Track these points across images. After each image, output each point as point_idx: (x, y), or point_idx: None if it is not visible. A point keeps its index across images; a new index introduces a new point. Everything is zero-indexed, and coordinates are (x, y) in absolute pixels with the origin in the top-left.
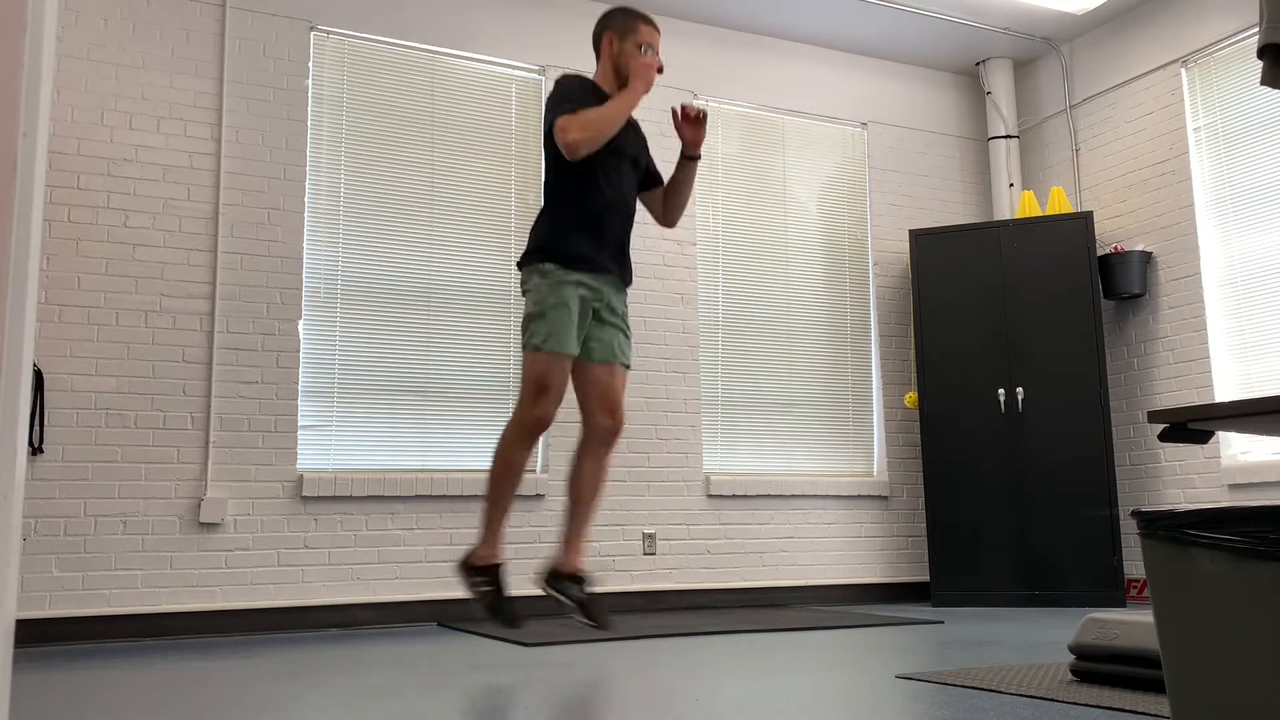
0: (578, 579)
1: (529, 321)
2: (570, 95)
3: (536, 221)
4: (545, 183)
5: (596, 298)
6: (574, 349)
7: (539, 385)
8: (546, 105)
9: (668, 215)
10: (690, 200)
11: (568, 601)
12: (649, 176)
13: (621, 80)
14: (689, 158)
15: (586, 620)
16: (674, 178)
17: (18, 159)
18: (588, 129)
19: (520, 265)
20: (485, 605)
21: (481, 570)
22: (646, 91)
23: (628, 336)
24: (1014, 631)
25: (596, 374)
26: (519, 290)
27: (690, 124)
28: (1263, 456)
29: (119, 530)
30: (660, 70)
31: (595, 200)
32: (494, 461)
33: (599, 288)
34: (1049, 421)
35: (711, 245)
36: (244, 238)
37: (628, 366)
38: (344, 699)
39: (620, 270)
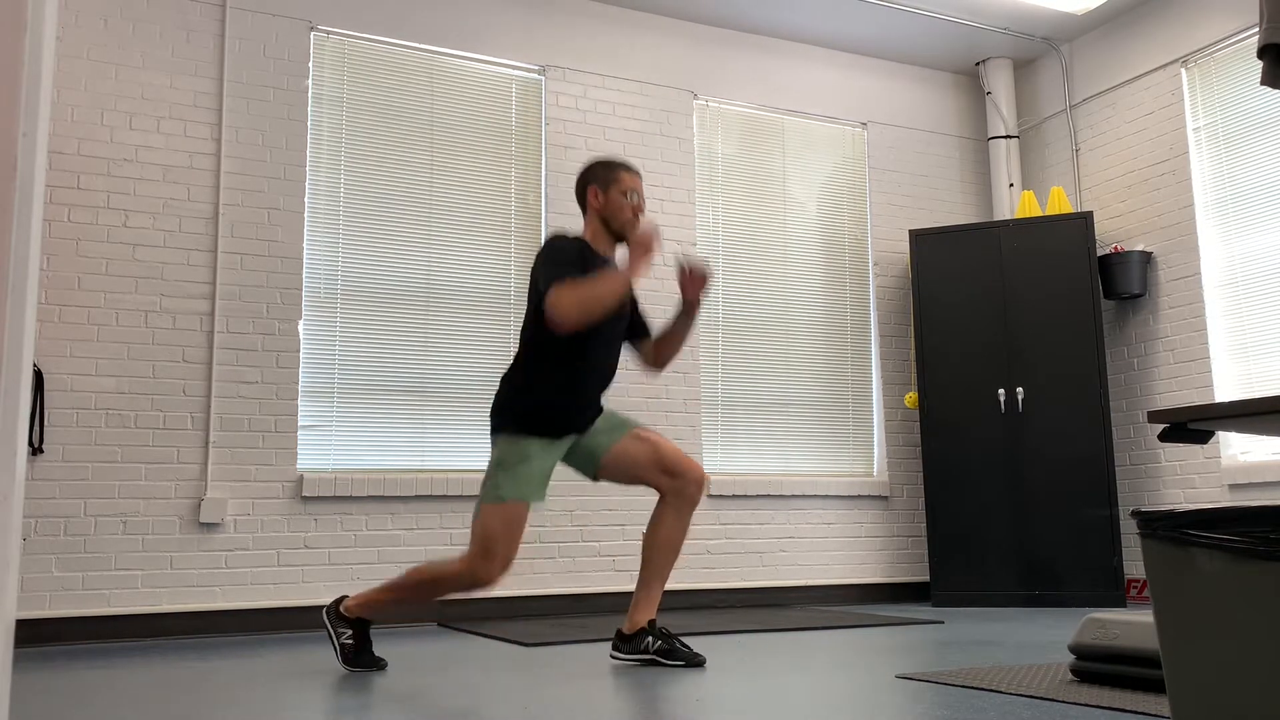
0: (649, 632)
1: (493, 470)
2: (564, 259)
3: (512, 381)
4: (524, 336)
5: (570, 444)
6: (538, 498)
7: (491, 542)
8: (537, 264)
9: (658, 362)
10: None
11: (647, 657)
12: (636, 325)
13: (611, 232)
14: (687, 314)
15: (674, 663)
16: (670, 330)
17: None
18: (582, 309)
19: (493, 429)
20: (345, 654)
21: (349, 622)
22: (648, 270)
23: (620, 430)
24: (1014, 631)
25: (626, 449)
26: (526, 285)
27: (693, 282)
28: (1263, 456)
29: (119, 530)
30: (640, 212)
31: (578, 366)
32: (417, 582)
33: (573, 439)
34: (1049, 421)
35: (711, 245)
36: (244, 238)
37: (651, 434)
38: (344, 699)
39: (593, 414)
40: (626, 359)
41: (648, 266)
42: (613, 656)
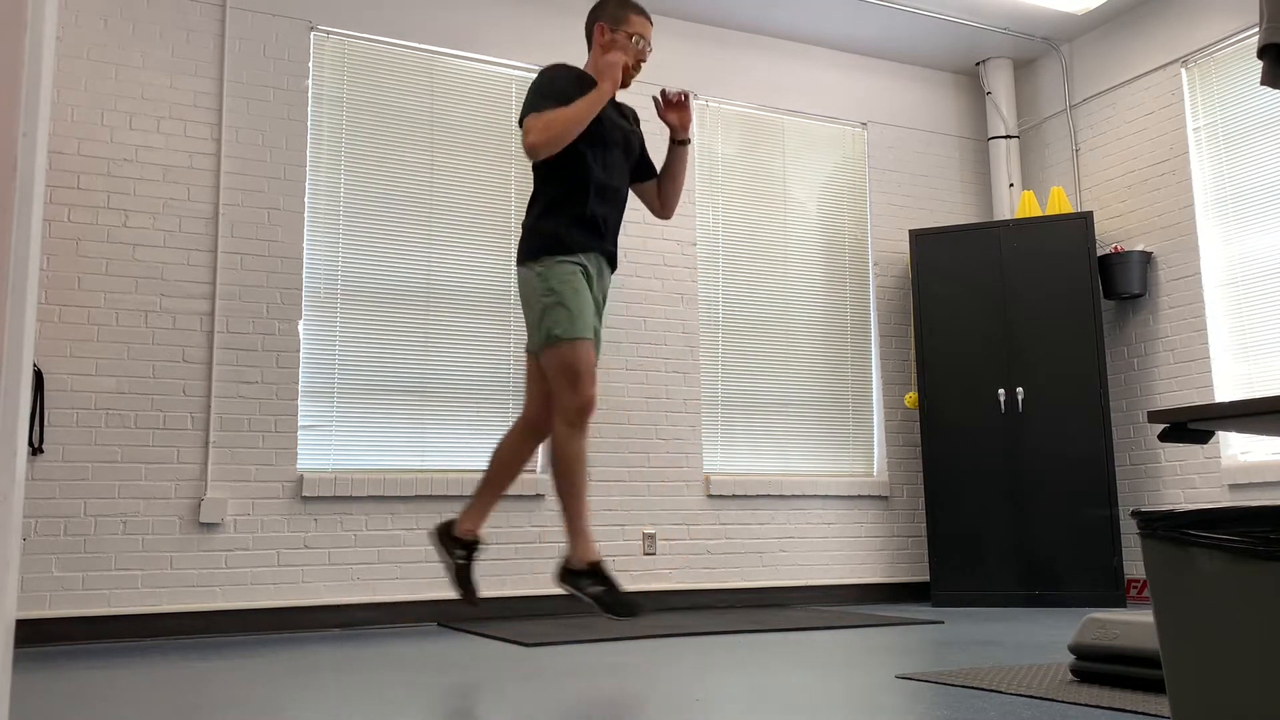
0: (590, 572)
1: (545, 313)
2: (549, 90)
3: (530, 215)
4: (535, 174)
5: (599, 282)
6: (591, 333)
7: (572, 373)
8: (528, 94)
9: (664, 205)
10: (684, 195)
11: (584, 598)
12: (642, 167)
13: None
14: (678, 142)
15: (608, 614)
16: (666, 165)
17: (18, 159)
18: (547, 131)
19: (521, 262)
20: (459, 575)
21: (464, 544)
22: (615, 89)
23: (600, 338)
24: (1014, 631)
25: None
26: (518, 290)
27: (672, 108)
28: (1263, 456)
29: (119, 530)
30: (643, 59)
31: (585, 190)
32: (561, 465)
33: (600, 273)
34: (1049, 421)
35: (711, 245)
36: (244, 238)
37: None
38: (344, 699)
39: (613, 254)
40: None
41: (614, 85)
42: (563, 586)
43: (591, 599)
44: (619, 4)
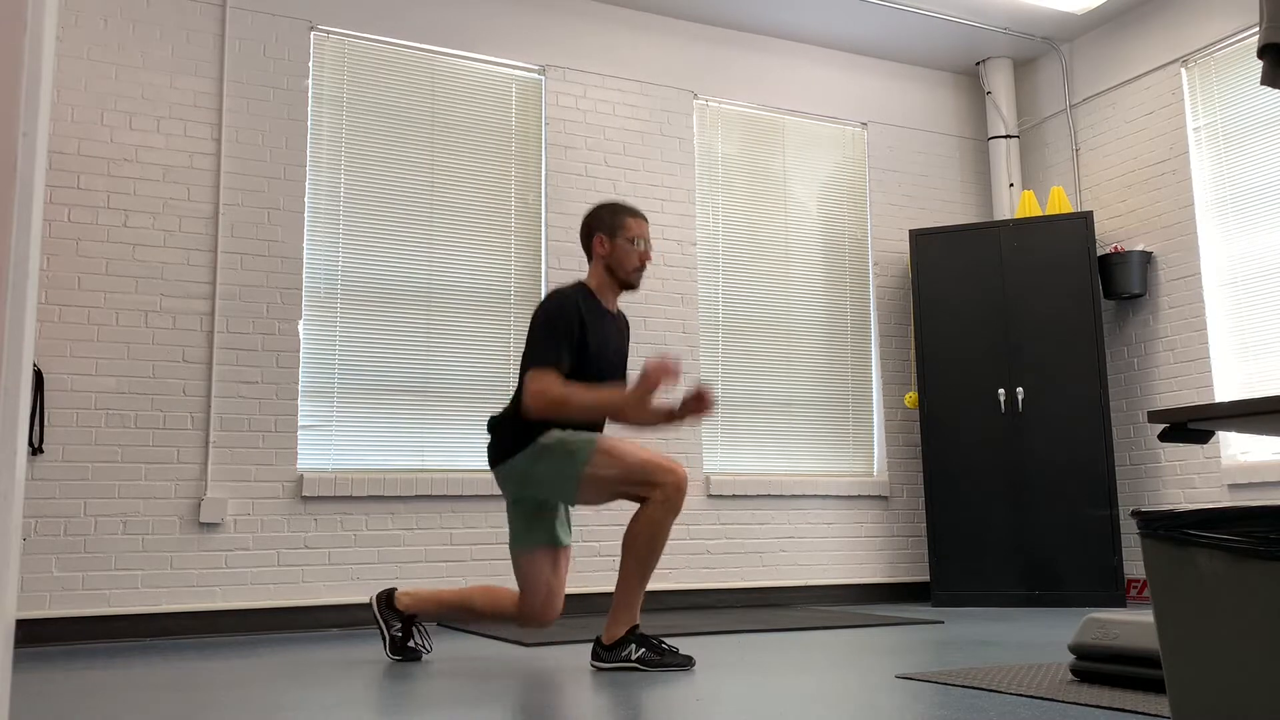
0: (630, 638)
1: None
2: (560, 328)
3: (509, 424)
4: (519, 386)
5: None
6: (540, 541)
7: (530, 590)
8: (534, 325)
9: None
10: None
11: (632, 665)
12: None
13: (617, 281)
14: (666, 420)
15: (668, 668)
16: (646, 416)
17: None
18: (552, 410)
19: (501, 461)
20: (394, 645)
21: (399, 614)
22: (649, 404)
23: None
24: (1014, 631)
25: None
26: (526, 285)
27: (695, 407)
28: (1263, 456)
29: (119, 530)
30: (646, 259)
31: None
32: (480, 610)
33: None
34: (1049, 421)
35: (711, 245)
36: (244, 238)
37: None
38: (344, 699)
39: None
40: None
41: (649, 402)
42: (593, 666)
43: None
44: (612, 212)
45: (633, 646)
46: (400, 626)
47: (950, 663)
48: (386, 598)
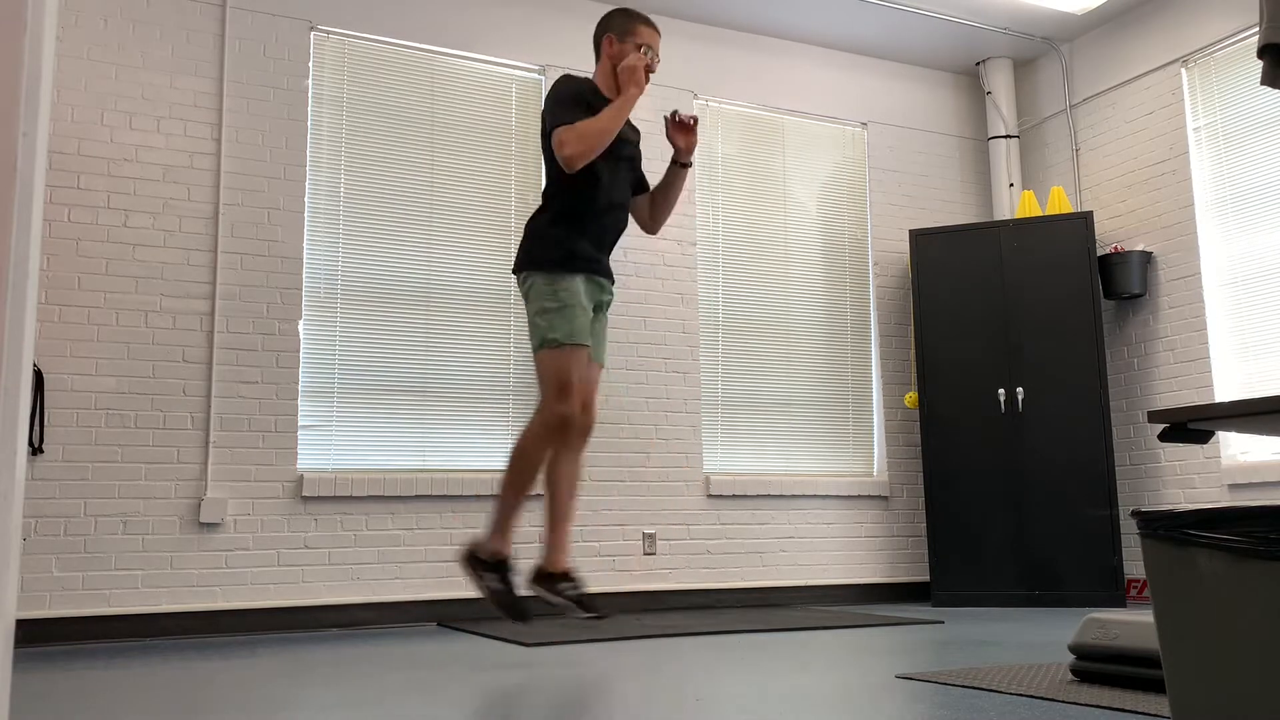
0: (567, 577)
1: (542, 318)
2: (568, 101)
3: (535, 223)
4: (546, 180)
5: (597, 295)
6: (590, 340)
7: (562, 381)
8: (545, 107)
9: (654, 221)
10: (681, 202)
11: (561, 600)
12: (638, 181)
13: (618, 82)
14: (680, 164)
15: (585, 613)
16: (663, 183)
17: (18, 159)
18: (584, 142)
19: (519, 269)
20: (495, 600)
21: (492, 566)
22: (640, 95)
23: (603, 348)
24: (1014, 631)
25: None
26: (519, 291)
27: (682, 131)
28: (1263, 456)
29: (119, 530)
30: (651, 70)
31: (596, 203)
32: (515, 459)
33: (599, 285)
34: (1049, 421)
35: (711, 245)
36: (244, 238)
37: (603, 365)
38: (344, 699)
39: (609, 270)
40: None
41: (639, 90)
42: (534, 590)
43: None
44: (625, 15)
45: (488, 570)
46: (497, 576)
47: (950, 663)
48: (470, 557)
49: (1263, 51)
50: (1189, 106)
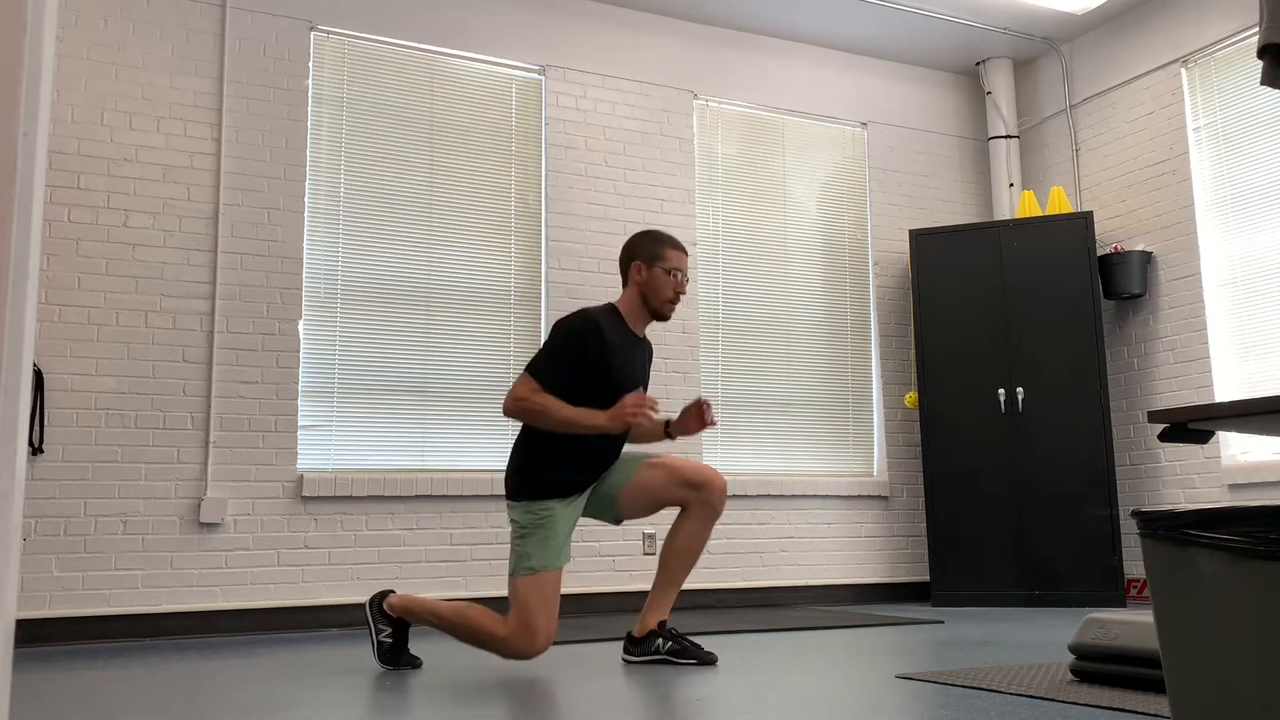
0: (660, 633)
1: (518, 541)
2: (563, 351)
3: (523, 445)
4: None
5: (587, 496)
6: (565, 560)
7: (528, 619)
8: (550, 335)
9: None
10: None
11: (669, 658)
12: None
13: (649, 309)
14: (667, 435)
15: (697, 661)
16: (640, 433)
17: (18, 159)
18: (530, 416)
19: (510, 486)
20: (382, 652)
21: (390, 620)
22: (614, 431)
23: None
24: (1014, 631)
25: (640, 481)
26: (526, 286)
27: (696, 422)
28: (1263, 456)
29: (119, 530)
30: (681, 291)
31: (590, 441)
32: (464, 624)
33: (589, 490)
34: (1049, 421)
35: (711, 245)
36: (244, 238)
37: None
38: (345, 699)
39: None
40: None
41: (618, 427)
42: (625, 659)
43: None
44: (653, 241)
45: (660, 640)
46: (390, 632)
47: (950, 663)
48: (378, 601)
49: (1263, 51)
50: (1189, 106)
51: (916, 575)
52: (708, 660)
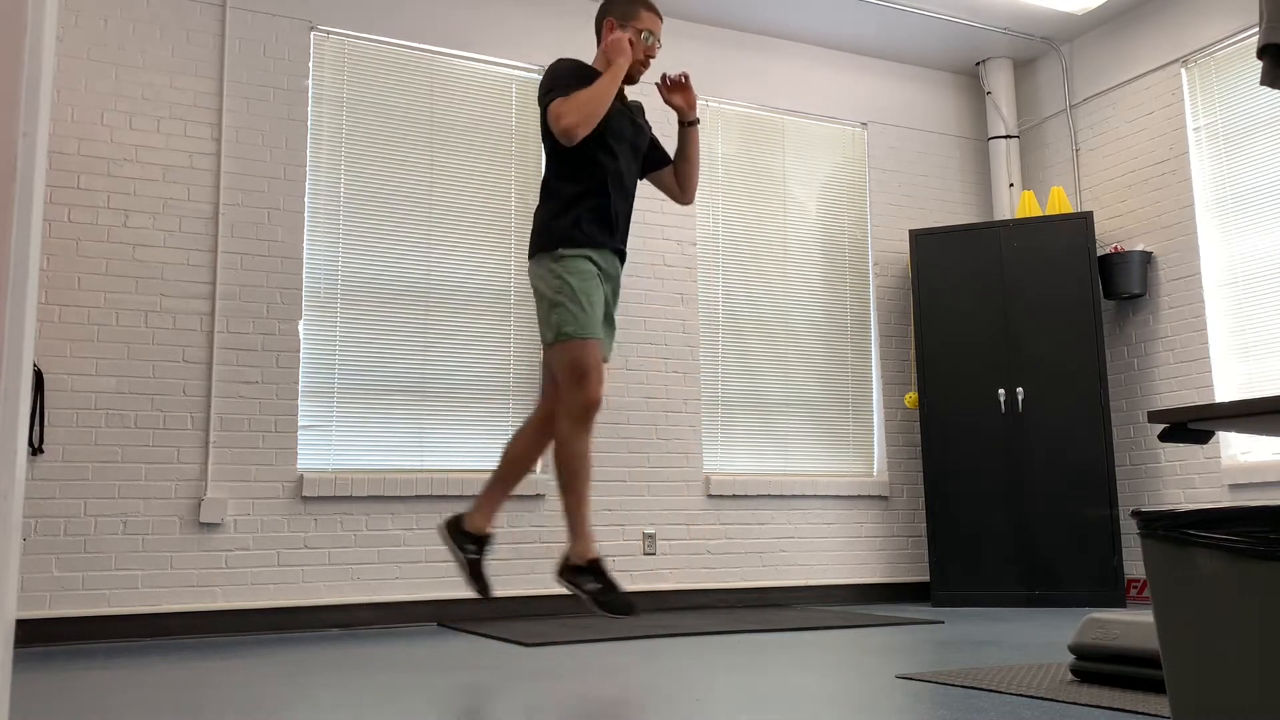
0: (589, 569)
1: (553, 310)
2: (563, 79)
3: (541, 211)
4: (547, 170)
5: (609, 280)
6: (601, 333)
7: (579, 371)
8: (540, 89)
9: (683, 190)
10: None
11: (581, 595)
12: (656, 159)
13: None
14: (687, 124)
15: (604, 612)
16: (679, 149)
17: (18, 159)
18: (580, 110)
19: (534, 254)
20: (468, 572)
21: (474, 538)
22: (629, 62)
23: (614, 328)
24: (1014, 631)
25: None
26: (526, 286)
27: (675, 90)
28: (1263, 456)
29: (119, 530)
30: (652, 55)
31: (599, 183)
32: (563, 461)
33: (610, 269)
34: (1049, 421)
35: (711, 245)
36: (244, 238)
37: (606, 359)
38: (345, 699)
39: (623, 251)
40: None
41: (626, 59)
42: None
43: (589, 596)
44: (628, 1)
45: (587, 578)
46: (474, 548)
47: (950, 663)
48: (456, 523)
49: (1263, 51)
50: (1189, 106)
51: (916, 575)
52: (622, 610)
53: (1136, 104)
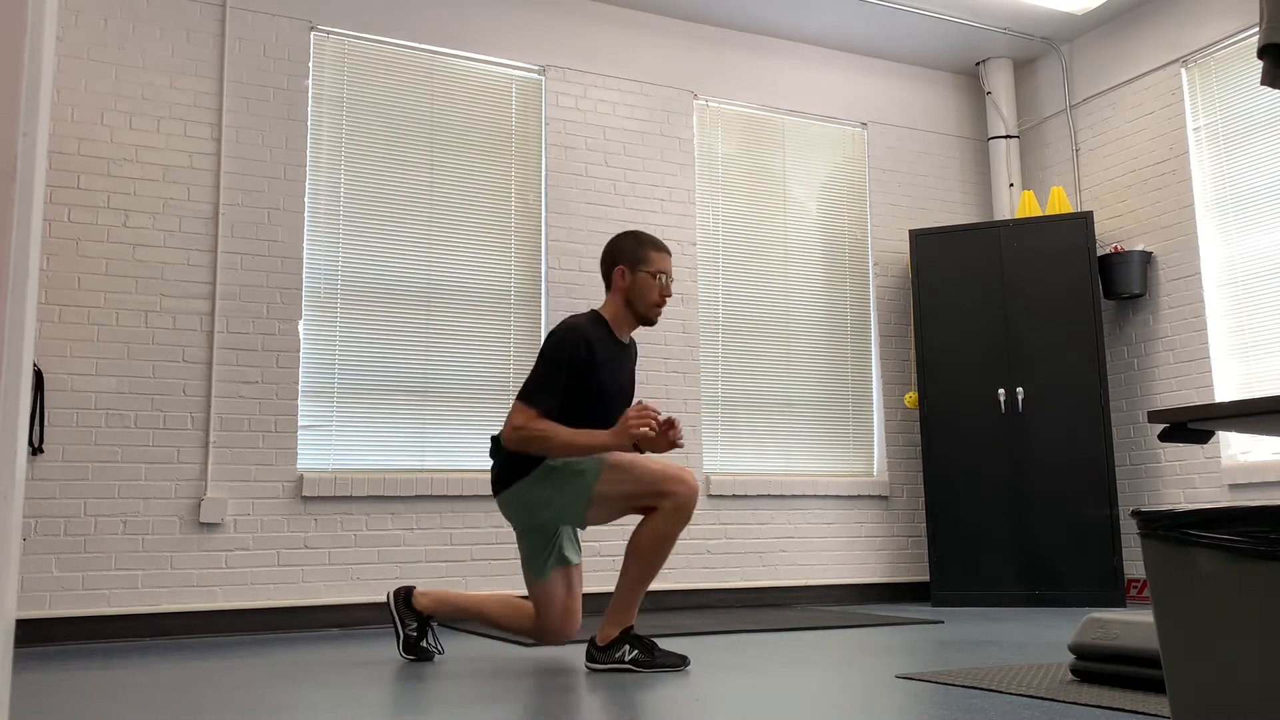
0: (622, 637)
1: (519, 544)
2: (558, 364)
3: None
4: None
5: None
6: (547, 571)
7: (660, 468)
8: (540, 353)
9: None
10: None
11: (632, 668)
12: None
13: (635, 314)
14: (634, 447)
15: (666, 669)
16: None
17: (18, 159)
18: (531, 444)
19: (508, 479)
20: (407, 644)
21: (416, 614)
22: (619, 449)
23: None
24: (1014, 631)
25: (605, 486)
26: (526, 286)
27: (661, 442)
28: (1263, 456)
29: (119, 530)
30: (667, 294)
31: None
32: (660, 554)
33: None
34: (1049, 421)
35: (711, 245)
36: (244, 238)
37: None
38: (344, 699)
39: None
40: None
41: (623, 444)
42: (588, 668)
43: (634, 666)
44: (636, 243)
45: (626, 647)
46: (415, 626)
47: (950, 663)
48: (405, 595)
49: (1263, 51)
50: (1189, 106)
51: (916, 575)
52: (677, 666)
53: (1136, 104)
